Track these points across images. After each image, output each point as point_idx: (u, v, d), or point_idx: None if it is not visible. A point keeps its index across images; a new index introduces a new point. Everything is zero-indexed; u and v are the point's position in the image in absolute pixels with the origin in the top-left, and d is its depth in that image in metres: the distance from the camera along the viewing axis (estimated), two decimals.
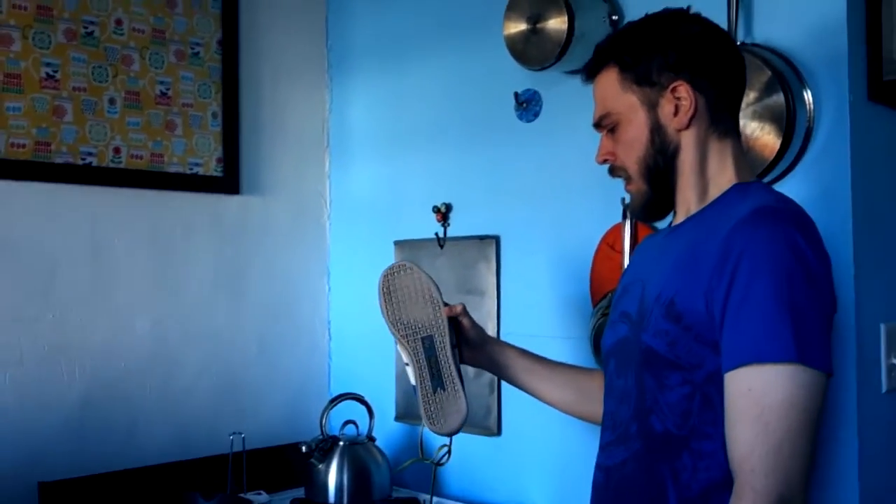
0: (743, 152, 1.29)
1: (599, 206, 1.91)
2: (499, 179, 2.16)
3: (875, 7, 1.64)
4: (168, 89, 2.25)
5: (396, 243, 2.40)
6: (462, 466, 2.24)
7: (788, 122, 1.57)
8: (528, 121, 2.09)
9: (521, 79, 2.07)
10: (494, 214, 2.16)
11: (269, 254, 2.46)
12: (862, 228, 1.59)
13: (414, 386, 1.49)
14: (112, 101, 2.14)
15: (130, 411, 2.16)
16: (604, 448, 1.32)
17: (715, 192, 1.24)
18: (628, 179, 1.30)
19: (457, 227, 2.25)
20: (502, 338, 2.14)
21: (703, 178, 1.25)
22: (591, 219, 1.93)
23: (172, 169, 2.25)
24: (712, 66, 1.24)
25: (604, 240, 1.90)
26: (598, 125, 1.31)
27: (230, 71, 2.36)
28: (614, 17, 1.88)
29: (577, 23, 1.82)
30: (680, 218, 1.28)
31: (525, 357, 1.58)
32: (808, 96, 1.60)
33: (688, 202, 1.26)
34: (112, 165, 2.14)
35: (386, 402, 2.40)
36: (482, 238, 2.17)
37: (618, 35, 1.31)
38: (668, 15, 1.29)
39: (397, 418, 2.40)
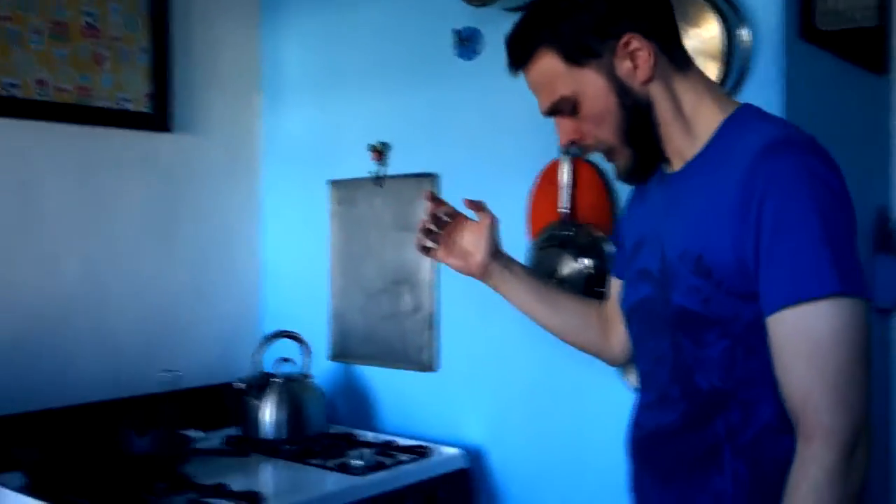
0: (706, 77, 1.25)
1: (537, 142, 1.94)
2: (437, 118, 2.16)
3: None
4: (96, 21, 2.17)
5: (331, 182, 2.39)
6: (398, 402, 2.27)
7: (726, 58, 1.62)
8: (468, 58, 2.09)
9: (462, 16, 2.07)
10: (433, 153, 2.17)
11: (201, 193, 2.42)
12: None
13: None
14: (37, 31, 2.06)
15: (61, 350, 2.10)
16: (645, 407, 1.30)
17: (704, 130, 1.20)
18: (610, 151, 1.24)
19: (395, 166, 2.25)
20: (442, 275, 2.17)
21: (685, 119, 1.20)
22: (528, 155, 1.96)
23: (101, 104, 2.18)
24: (645, 7, 1.19)
25: (543, 175, 1.93)
26: (553, 112, 1.24)
27: (159, 4, 2.29)
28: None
29: None
30: (677, 165, 1.24)
31: (532, 277, 1.56)
32: (745, 34, 1.65)
33: (680, 148, 1.22)
34: (38, 98, 2.06)
35: (320, 343, 2.41)
36: (420, 176, 2.18)
37: (534, 15, 1.23)
38: None
39: (332, 358, 2.40)
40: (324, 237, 2.41)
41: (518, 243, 1.98)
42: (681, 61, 1.22)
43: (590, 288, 1.82)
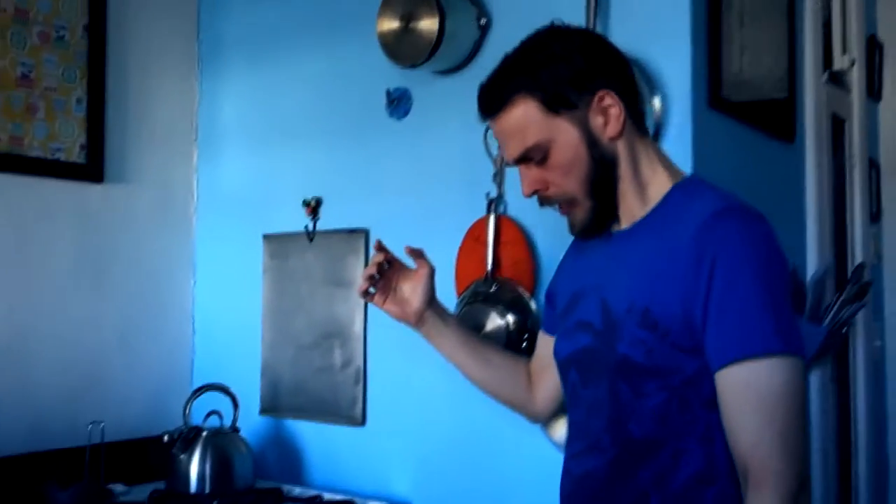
0: (657, 146, 1.34)
1: (464, 200, 2.00)
2: (369, 174, 2.21)
3: (716, 25, 1.81)
4: (30, 71, 2.18)
5: (265, 237, 2.41)
6: (327, 456, 2.27)
7: None
8: (399, 118, 2.16)
9: (393, 77, 2.13)
10: (364, 208, 2.21)
11: (133, 244, 2.42)
12: None
13: None
14: None
15: None
16: (574, 457, 1.33)
17: (655, 194, 1.26)
18: (571, 203, 1.28)
19: (326, 221, 2.29)
20: (370, 328, 2.19)
21: (640, 181, 1.27)
22: (456, 213, 2.02)
23: (33, 153, 2.18)
24: (617, 67, 1.27)
25: (469, 232, 1.99)
26: (522, 159, 1.26)
27: (97, 57, 2.32)
28: (482, 21, 1.98)
29: (447, 24, 1.91)
30: (625, 224, 1.29)
31: (463, 329, 1.60)
32: (656, 102, 1.75)
33: (631, 208, 1.27)
34: None
35: (251, 396, 2.40)
36: (351, 231, 2.22)
37: (512, 64, 1.26)
38: (545, 32, 1.28)
39: (262, 412, 2.40)
40: (256, 290, 2.42)
41: (447, 299, 2.02)
42: (641, 127, 1.30)
43: (512, 344, 1.87)
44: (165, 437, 2.08)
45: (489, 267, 1.92)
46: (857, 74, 2.81)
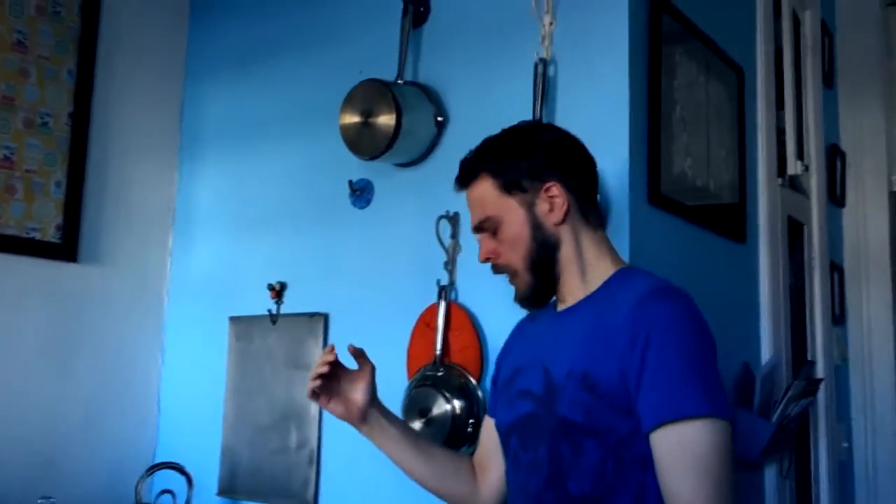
0: (609, 241, 1.47)
1: (418, 287, 2.06)
2: (331, 260, 2.29)
3: (655, 127, 1.91)
4: (12, 154, 2.29)
5: (231, 319, 2.47)
6: None
7: None
8: (361, 207, 2.24)
9: (357, 169, 2.23)
10: (325, 293, 2.28)
11: (104, 324, 2.48)
12: None
13: None
14: None
15: None
16: None
17: (596, 278, 1.40)
18: (514, 274, 1.43)
19: (290, 305, 2.35)
20: (324, 411, 2.22)
21: (583, 266, 1.41)
22: (410, 299, 2.08)
23: (8, 231, 2.27)
24: (574, 166, 1.43)
25: (421, 318, 2.04)
26: (478, 228, 1.45)
27: (79, 142, 2.43)
28: (439, 118, 2.09)
29: (404, 120, 2.01)
30: (568, 303, 1.43)
31: (406, 427, 1.65)
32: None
33: (573, 290, 1.41)
34: None
35: (210, 476, 2.42)
36: (311, 315, 2.28)
37: (486, 148, 1.46)
38: (527, 127, 1.50)
39: (220, 493, 2.41)
40: (221, 371, 2.47)
41: (399, 382, 2.07)
42: (592, 220, 1.45)
43: (458, 428, 1.90)
44: None
45: (438, 352, 1.97)
46: (815, 181, 2.90)
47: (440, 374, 1.95)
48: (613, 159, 1.83)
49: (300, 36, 2.46)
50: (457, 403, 1.92)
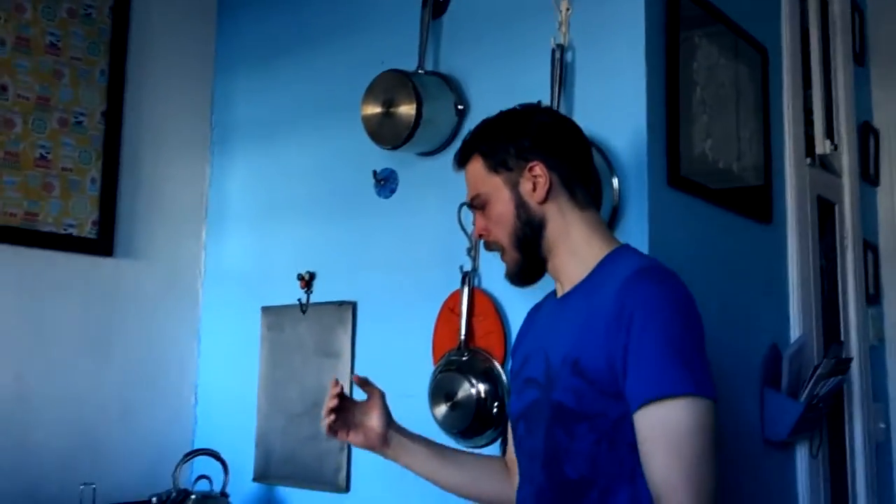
0: (601, 221, 1.49)
1: (443, 272, 2.09)
2: (358, 250, 2.33)
3: (674, 110, 1.91)
4: (48, 153, 2.36)
5: (263, 309, 2.52)
6: None
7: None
8: (385, 197, 2.28)
9: (381, 159, 2.26)
10: (352, 282, 2.32)
11: (140, 317, 2.55)
12: None
13: None
14: None
15: None
16: (520, 499, 1.45)
17: (591, 260, 1.41)
18: (502, 251, 1.47)
19: (319, 294, 2.40)
20: (355, 397, 2.26)
21: (574, 247, 1.42)
22: (435, 285, 2.11)
23: (46, 228, 2.34)
24: (561, 147, 1.45)
25: (445, 304, 2.07)
26: (470, 204, 1.50)
27: (112, 140, 2.50)
28: (460, 107, 2.11)
29: (424, 109, 2.04)
30: (566, 288, 1.44)
31: (429, 441, 1.66)
32: (615, 182, 1.84)
33: (570, 274, 1.43)
34: None
35: (246, 463, 2.47)
36: (340, 304, 2.32)
37: (480, 129, 1.50)
38: (522, 109, 1.51)
39: (255, 479, 2.47)
40: (254, 361, 2.52)
41: (424, 368, 2.10)
42: (580, 199, 1.45)
43: (483, 411, 1.93)
44: (154, 500, 2.16)
45: (462, 337, 2.00)
46: (846, 159, 2.86)
47: (465, 358, 1.98)
48: (631, 142, 1.85)
49: (324, 30, 2.50)
50: (481, 387, 1.95)
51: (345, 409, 1.61)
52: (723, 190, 2.12)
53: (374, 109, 2.12)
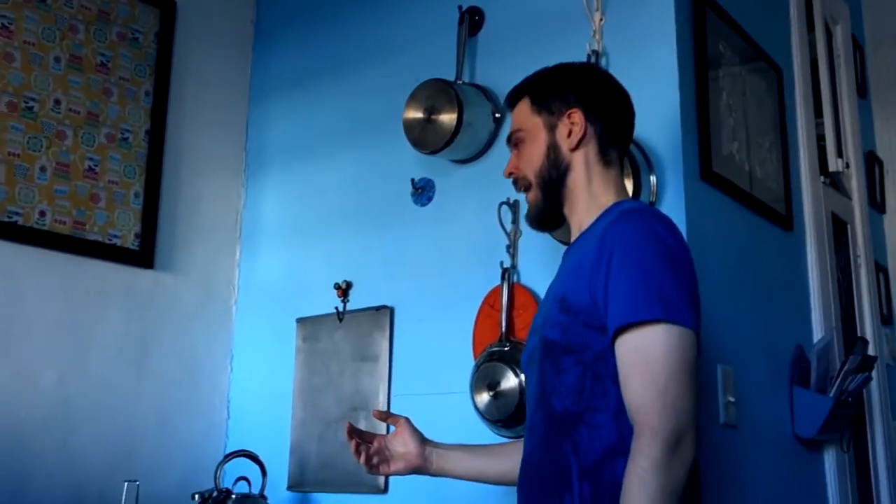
0: (622, 179, 1.54)
1: (481, 271, 2.17)
2: (395, 256, 2.40)
3: (704, 110, 2.02)
4: (97, 165, 2.46)
5: (298, 321, 2.58)
6: None
7: (634, 197, 1.88)
8: (423, 205, 2.37)
9: (418, 169, 2.36)
10: (390, 287, 2.39)
11: (177, 328, 2.60)
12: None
13: None
14: (43, 169, 2.34)
15: (25, 465, 2.21)
16: (524, 441, 1.48)
17: (598, 210, 1.47)
18: (528, 188, 1.54)
19: (355, 302, 2.46)
20: (393, 399, 2.31)
21: (591, 196, 1.48)
22: (474, 284, 2.18)
23: (92, 237, 2.42)
24: (604, 104, 1.51)
25: (485, 301, 2.14)
26: (509, 139, 1.58)
27: (155, 158, 2.59)
28: (497, 115, 2.22)
29: (465, 116, 2.15)
30: (574, 235, 1.51)
31: (466, 445, 1.73)
32: (652, 178, 1.93)
33: (580, 220, 1.49)
34: (36, 227, 2.30)
35: (280, 473, 2.50)
36: (378, 308, 2.39)
37: (534, 75, 1.59)
38: (578, 64, 1.61)
39: (290, 488, 2.49)
40: (289, 372, 2.57)
41: (465, 362, 2.15)
42: (608, 157, 1.51)
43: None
44: (196, 497, 2.18)
45: (503, 329, 2.06)
46: (856, 182, 2.98)
47: (507, 349, 2.04)
48: (666, 137, 1.95)
49: (359, 51, 2.63)
50: (523, 376, 2.00)
51: (378, 447, 1.69)
52: (749, 193, 2.21)
53: (417, 115, 2.22)
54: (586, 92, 1.51)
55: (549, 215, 1.55)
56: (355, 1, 2.67)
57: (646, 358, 1.25)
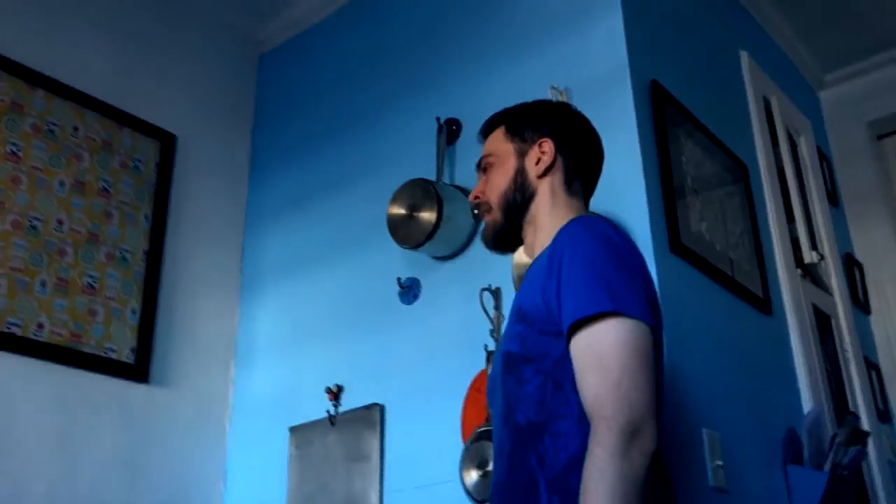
0: (584, 209, 1.58)
1: (467, 358, 2.21)
2: (383, 355, 2.45)
3: (669, 187, 2.13)
4: (95, 282, 2.55)
5: (291, 429, 2.59)
6: None
7: None
8: (409, 303, 2.44)
9: (404, 269, 2.45)
10: (380, 386, 2.42)
11: (170, 442, 2.61)
12: (674, 354, 1.93)
13: None
14: (43, 284, 2.43)
15: None
16: (493, 464, 1.49)
17: (554, 232, 1.48)
18: (489, 210, 1.59)
19: (347, 403, 2.48)
20: (386, 495, 2.29)
21: (554, 222, 1.50)
22: (460, 372, 2.21)
23: (88, 350, 2.47)
24: (576, 140, 1.58)
25: (472, 385, 2.17)
26: (479, 164, 1.63)
27: (152, 276, 2.69)
28: (476, 211, 2.32)
29: (444, 210, 2.27)
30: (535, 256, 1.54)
31: None
32: None
33: (543, 244, 1.50)
34: (33, 337, 2.37)
35: None
36: (368, 407, 2.40)
37: (511, 108, 1.65)
38: (554, 103, 1.67)
39: None
40: (282, 482, 2.55)
41: (456, 447, 2.15)
42: (575, 188, 1.57)
43: None
44: None
45: (489, 409, 2.08)
46: (835, 281, 3.05)
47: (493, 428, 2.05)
48: (633, 212, 2.05)
49: (347, 167, 2.79)
50: None
51: None
52: (723, 273, 2.28)
53: (400, 211, 2.34)
54: (560, 125, 1.59)
55: (506, 236, 1.59)
56: (343, 122, 2.86)
57: (599, 353, 1.27)
